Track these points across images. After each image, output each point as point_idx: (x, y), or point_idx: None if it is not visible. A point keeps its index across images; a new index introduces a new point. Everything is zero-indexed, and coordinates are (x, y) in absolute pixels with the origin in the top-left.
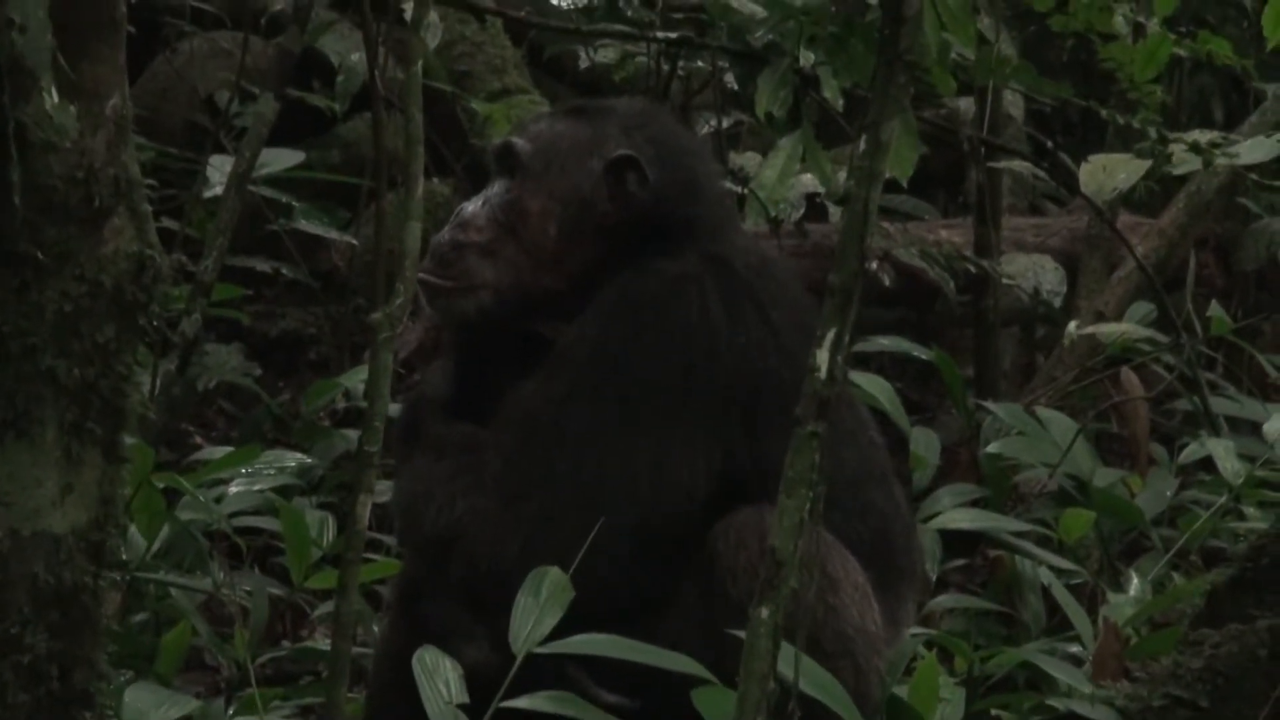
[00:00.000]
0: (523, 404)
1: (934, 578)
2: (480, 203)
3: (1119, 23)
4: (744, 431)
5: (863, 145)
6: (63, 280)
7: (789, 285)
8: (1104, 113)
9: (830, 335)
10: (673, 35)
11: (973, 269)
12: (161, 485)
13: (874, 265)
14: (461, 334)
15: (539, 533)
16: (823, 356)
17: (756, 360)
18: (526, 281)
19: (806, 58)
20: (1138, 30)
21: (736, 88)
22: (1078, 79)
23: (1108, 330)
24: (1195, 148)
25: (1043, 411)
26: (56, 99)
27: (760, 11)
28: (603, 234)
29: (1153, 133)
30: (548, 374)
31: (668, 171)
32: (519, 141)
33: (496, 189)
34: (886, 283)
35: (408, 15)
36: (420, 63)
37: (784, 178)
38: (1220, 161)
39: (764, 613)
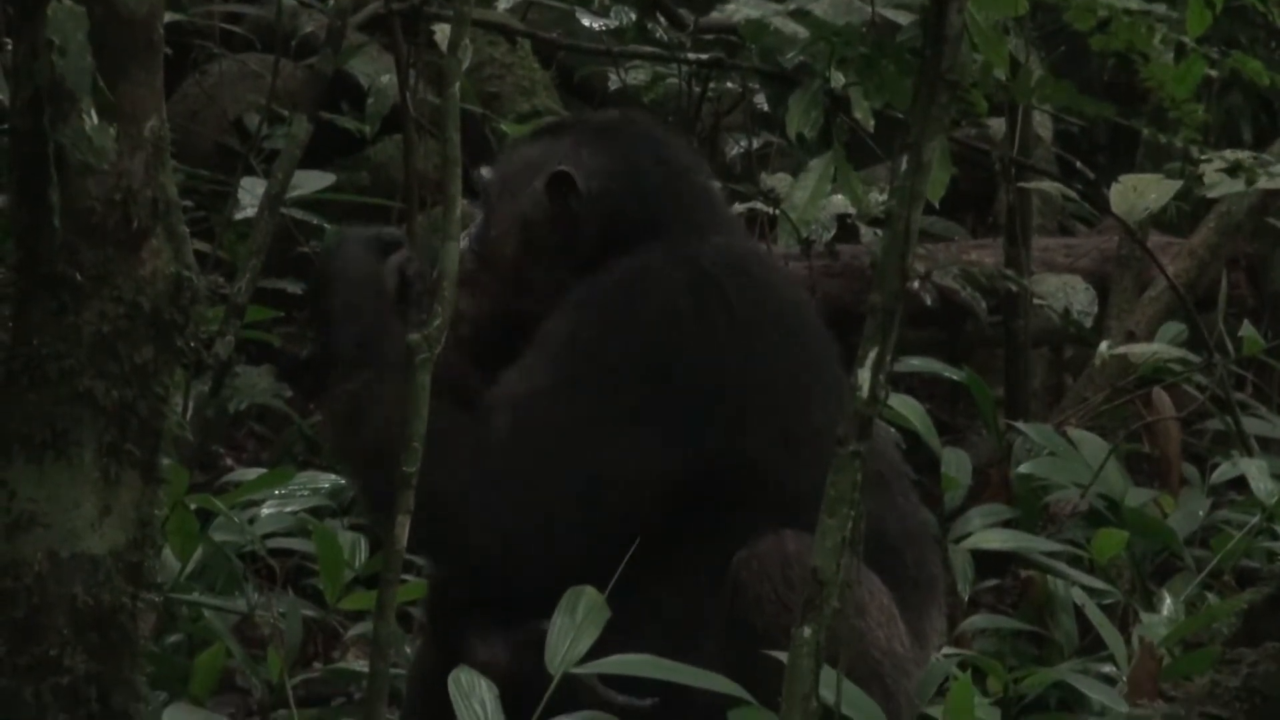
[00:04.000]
0: (510, 392)
1: (966, 598)
2: (463, 236)
3: (1158, 42)
4: (726, 427)
5: (904, 165)
6: (101, 302)
7: (768, 284)
8: (1145, 131)
9: (872, 354)
10: (703, 57)
11: (1014, 288)
12: (195, 507)
13: (915, 285)
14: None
15: (529, 510)
16: (864, 376)
17: (728, 355)
18: (501, 308)
19: (837, 79)
20: (1179, 50)
21: (767, 109)
22: (1109, 99)
23: (1139, 350)
24: (1236, 166)
25: (1074, 432)
26: (95, 121)
27: (801, 31)
28: (560, 250)
29: (1195, 152)
30: (529, 364)
31: (616, 179)
32: (483, 172)
33: (476, 221)
34: (928, 302)
35: (437, 37)
36: (458, 84)
37: (815, 199)
38: (1262, 183)
39: (806, 632)
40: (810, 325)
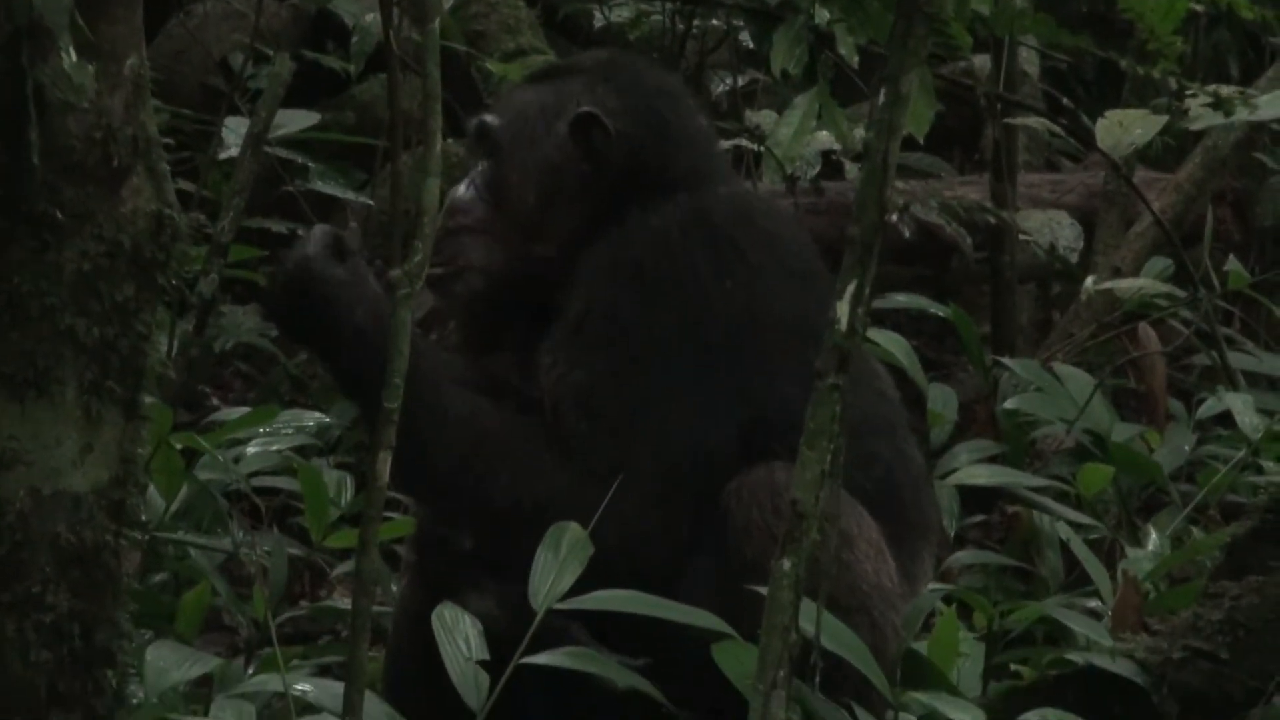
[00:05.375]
0: (573, 384)
1: (952, 534)
2: (466, 185)
3: None
4: (763, 374)
5: (882, 97)
6: (81, 240)
7: (772, 228)
8: (1123, 63)
9: (850, 287)
10: None
11: (992, 219)
12: (180, 446)
13: (894, 218)
14: (464, 314)
15: (631, 509)
16: (843, 309)
17: (749, 305)
18: (518, 255)
19: (821, 15)
20: None
21: (752, 46)
22: (1094, 35)
23: (1125, 286)
24: (1217, 99)
25: (1060, 367)
26: (75, 59)
27: None
28: (583, 194)
29: (1172, 83)
30: (577, 349)
31: (634, 119)
32: (490, 119)
33: (479, 169)
34: (906, 235)
35: None
36: (439, 20)
37: (800, 135)
38: (1240, 115)
39: (786, 565)
40: (813, 267)
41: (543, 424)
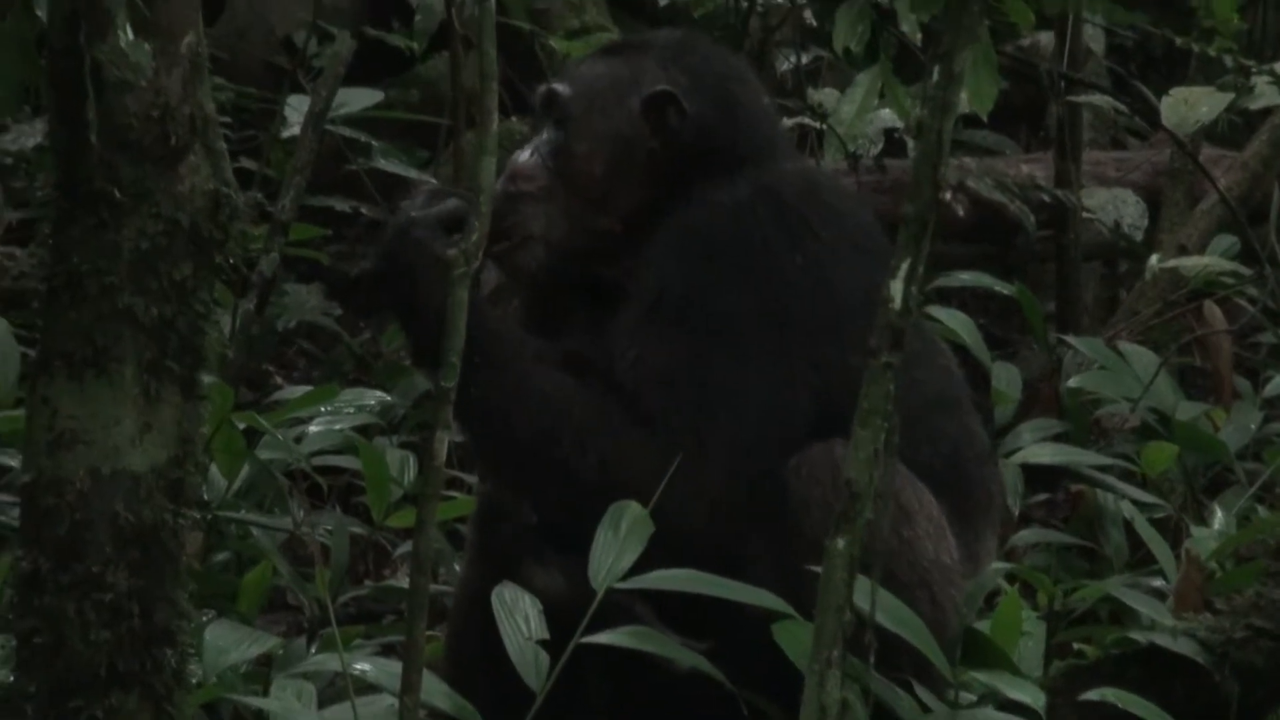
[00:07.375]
0: (651, 367)
1: (1016, 513)
2: (529, 152)
3: None
4: (834, 348)
5: (936, 75)
6: (140, 218)
7: (838, 204)
8: (1179, 40)
9: (905, 265)
10: None
11: (1046, 198)
12: (242, 425)
13: (948, 195)
14: (526, 284)
15: (714, 487)
16: (897, 287)
17: (821, 280)
18: (581, 227)
19: None
20: None
21: (815, 23)
22: (1158, 13)
23: (1190, 264)
24: (1278, 78)
25: (1125, 346)
26: (132, 37)
27: None
28: (650, 170)
29: (1229, 61)
30: (653, 330)
31: (706, 99)
32: (560, 87)
33: (544, 137)
34: (960, 213)
35: None
36: None
37: (862, 113)
38: None
39: (840, 544)
40: (880, 242)
41: (622, 402)
